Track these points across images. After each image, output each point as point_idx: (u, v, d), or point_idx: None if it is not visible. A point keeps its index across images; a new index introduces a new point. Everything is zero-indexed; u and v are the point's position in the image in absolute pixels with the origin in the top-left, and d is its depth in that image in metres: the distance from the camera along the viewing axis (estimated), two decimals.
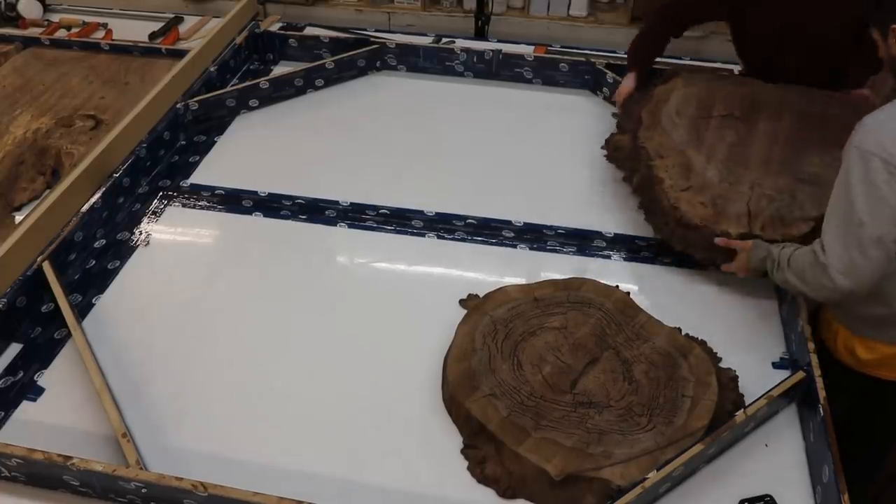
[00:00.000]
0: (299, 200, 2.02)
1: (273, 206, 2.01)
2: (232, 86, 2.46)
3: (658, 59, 2.34)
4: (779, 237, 1.66)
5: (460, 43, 2.69)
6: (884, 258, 1.38)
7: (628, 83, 2.23)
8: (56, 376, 1.55)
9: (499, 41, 2.78)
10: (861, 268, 1.38)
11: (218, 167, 2.17)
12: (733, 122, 1.99)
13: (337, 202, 2.02)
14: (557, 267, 1.82)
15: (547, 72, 2.52)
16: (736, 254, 1.67)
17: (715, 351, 1.56)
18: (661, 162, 1.88)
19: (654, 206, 1.82)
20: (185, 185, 2.09)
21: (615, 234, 1.94)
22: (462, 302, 1.70)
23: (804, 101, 2.04)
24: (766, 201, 1.75)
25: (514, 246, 1.90)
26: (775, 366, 1.59)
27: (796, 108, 2.01)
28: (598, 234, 1.94)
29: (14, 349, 1.60)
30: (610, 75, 2.43)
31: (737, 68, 2.38)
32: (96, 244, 1.88)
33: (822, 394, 1.43)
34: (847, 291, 1.41)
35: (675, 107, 2.06)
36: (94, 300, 1.73)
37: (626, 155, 2.02)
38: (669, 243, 1.80)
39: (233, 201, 2.03)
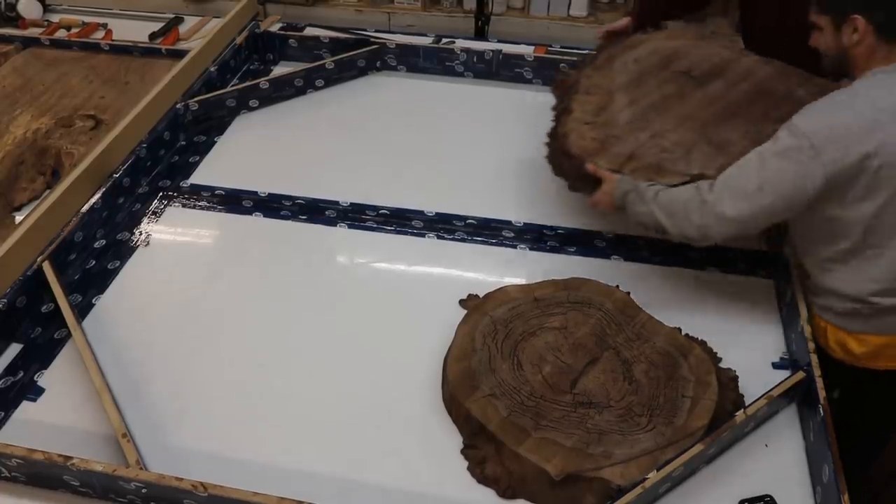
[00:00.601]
0: (299, 200, 2.02)
1: (273, 206, 2.01)
2: (232, 86, 2.46)
3: None
4: (644, 181, 1.68)
5: (460, 43, 2.69)
6: (754, 224, 1.48)
7: (618, 23, 2.21)
8: (56, 376, 1.55)
9: (499, 41, 2.77)
10: (731, 221, 1.47)
11: (218, 167, 2.17)
12: (686, 79, 1.98)
13: (337, 202, 2.02)
14: (557, 267, 1.83)
15: (547, 72, 2.52)
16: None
17: (715, 351, 1.56)
18: (586, 97, 1.92)
19: (554, 132, 1.88)
20: (185, 185, 2.09)
21: (615, 235, 1.93)
22: (462, 302, 1.70)
23: (776, 78, 2.00)
24: (656, 150, 1.76)
25: (514, 246, 1.90)
26: (775, 366, 1.59)
27: (760, 80, 1.99)
28: (599, 235, 1.94)
29: (14, 349, 1.60)
30: None
31: None
32: (96, 244, 1.88)
33: (822, 394, 1.43)
34: (703, 234, 1.51)
35: (638, 55, 2.06)
36: (94, 300, 1.73)
37: (565, 88, 2.03)
38: (551, 166, 1.85)
39: (233, 201, 2.03)
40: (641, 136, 1.80)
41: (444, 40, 2.75)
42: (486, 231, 1.94)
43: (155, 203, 2.02)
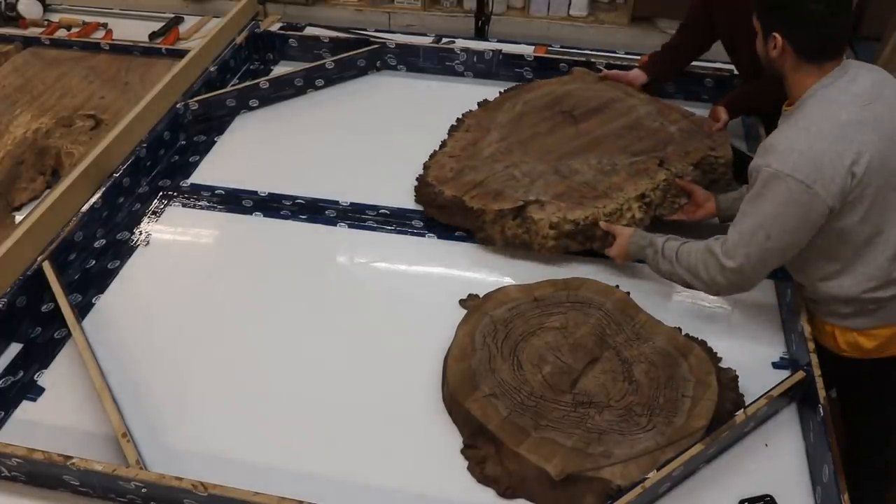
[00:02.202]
0: (299, 200, 2.02)
1: (273, 206, 2.01)
2: (232, 86, 2.46)
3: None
4: (481, 206, 1.82)
5: (460, 43, 2.69)
6: (777, 265, 1.54)
7: (631, 73, 2.27)
8: (56, 376, 1.55)
9: (499, 41, 2.78)
10: (753, 273, 1.52)
11: (218, 167, 2.17)
12: (564, 117, 2.11)
13: (337, 202, 2.02)
14: (557, 267, 1.82)
15: (547, 72, 2.52)
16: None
17: (715, 351, 1.56)
18: (464, 135, 2.09)
19: (425, 164, 2.04)
20: (185, 185, 2.09)
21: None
22: (462, 302, 1.70)
23: (654, 115, 2.10)
24: (503, 178, 1.90)
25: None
26: (775, 366, 1.59)
27: (638, 117, 2.10)
28: None
29: (14, 349, 1.60)
30: None
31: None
32: (96, 244, 1.88)
33: (821, 394, 1.43)
34: (733, 290, 1.57)
35: (531, 97, 2.20)
36: (94, 300, 1.73)
37: (453, 128, 2.18)
38: (415, 194, 1.99)
39: (233, 201, 2.03)
40: (497, 167, 1.93)
41: (444, 40, 2.76)
42: None
43: (155, 203, 2.02)
